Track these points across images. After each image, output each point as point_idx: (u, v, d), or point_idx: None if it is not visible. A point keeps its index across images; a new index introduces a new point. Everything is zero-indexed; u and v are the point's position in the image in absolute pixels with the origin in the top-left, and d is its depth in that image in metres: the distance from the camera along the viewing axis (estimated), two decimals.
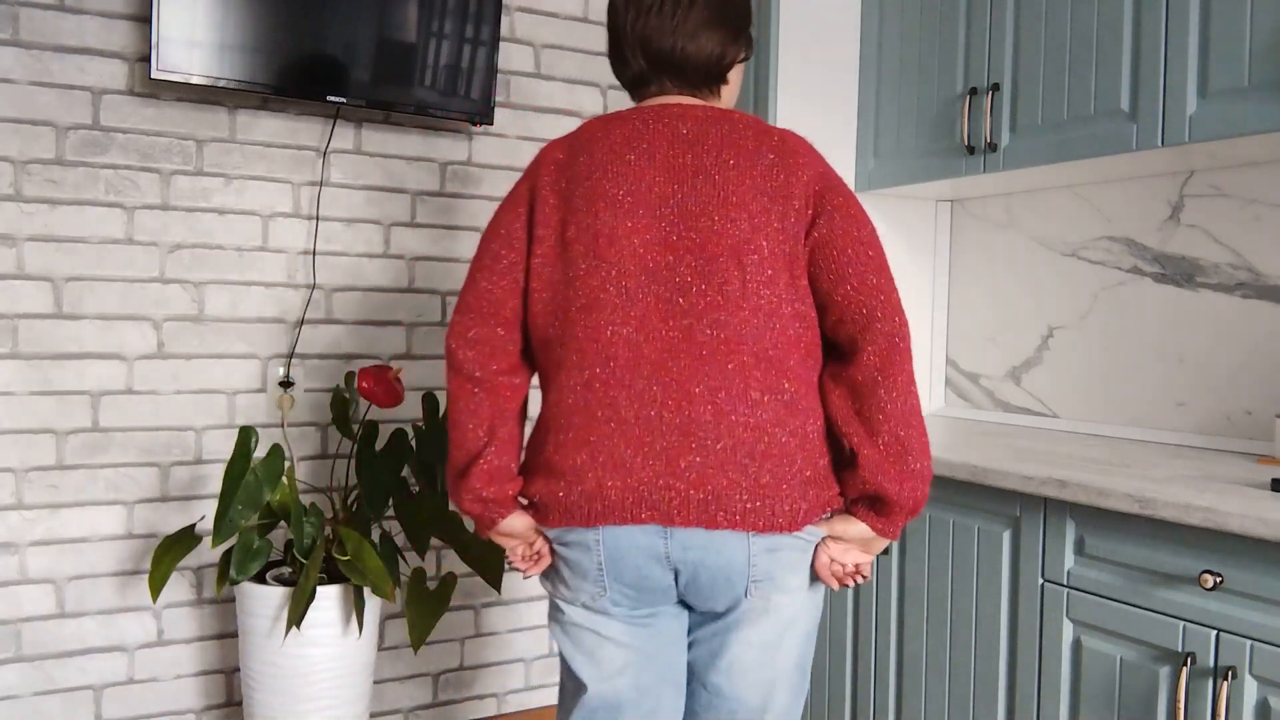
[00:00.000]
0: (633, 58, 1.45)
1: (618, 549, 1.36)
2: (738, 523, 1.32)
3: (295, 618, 2.01)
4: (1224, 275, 2.06)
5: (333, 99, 2.32)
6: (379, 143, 2.54)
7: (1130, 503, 1.52)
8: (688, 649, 1.49)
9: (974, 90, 2.18)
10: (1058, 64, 2.01)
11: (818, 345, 1.39)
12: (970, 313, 2.64)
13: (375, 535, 2.24)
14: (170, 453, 2.34)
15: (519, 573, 1.34)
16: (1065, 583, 1.68)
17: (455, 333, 1.44)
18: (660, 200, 1.36)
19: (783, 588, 1.39)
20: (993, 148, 2.14)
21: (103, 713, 2.30)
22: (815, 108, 2.46)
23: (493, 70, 2.49)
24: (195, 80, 2.19)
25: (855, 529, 1.39)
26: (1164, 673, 1.53)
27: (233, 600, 2.41)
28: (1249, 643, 1.41)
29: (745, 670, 1.45)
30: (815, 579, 1.43)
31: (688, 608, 1.46)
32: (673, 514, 1.33)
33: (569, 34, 2.75)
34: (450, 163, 2.62)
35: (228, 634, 2.42)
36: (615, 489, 1.34)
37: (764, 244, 1.33)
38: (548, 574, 1.50)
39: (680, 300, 1.34)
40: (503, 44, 2.64)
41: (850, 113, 2.54)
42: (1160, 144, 1.81)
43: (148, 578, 2.17)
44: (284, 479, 2.20)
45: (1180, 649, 1.50)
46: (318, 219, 2.47)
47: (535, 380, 2.70)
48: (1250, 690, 1.42)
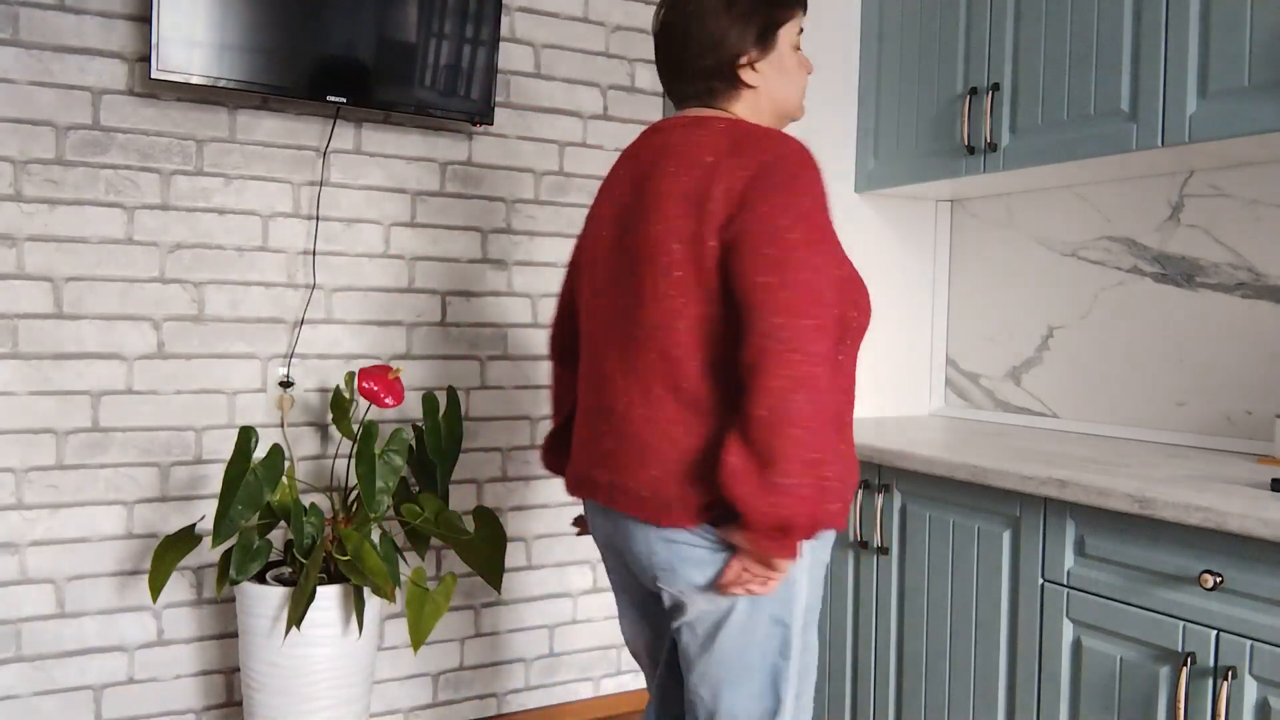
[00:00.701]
0: (662, 82, 1.55)
1: (592, 523, 1.57)
2: (633, 510, 1.39)
3: (295, 618, 2.01)
4: (1224, 275, 2.06)
5: (333, 99, 2.32)
6: (379, 143, 2.54)
7: (1130, 503, 1.52)
8: None
9: (974, 90, 2.18)
10: (1058, 64, 2.01)
11: (732, 347, 1.32)
12: (970, 313, 2.64)
13: (375, 535, 2.24)
14: (170, 453, 2.34)
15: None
16: (1065, 583, 1.68)
17: None
18: (620, 209, 1.46)
19: (692, 583, 1.39)
20: (993, 148, 2.14)
21: (102, 713, 2.30)
22: (815, 108, 2.46)
23: (493, 70, 2.49)
24: (195, 80, 2.19)
25: (736, 538, 1.34)
26: (1164, 673, 1.53)
27: (233, 600, 2.41)
28: (1249, 643, 1.41)
29: (690, 663, 1.47)
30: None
31: None
32: (598, 495, 1.46)
33: (569, 34, 2.75)
34: (450, 163, 2.62)
35: (228, 634, 2.42)
36: (572, 468, 1.55)
37: (675, 247, 1.35)
38: None
39: (620, 300, 1.43)
40: (503, 44, 2.64)
41: (850, 113, 2.54)
42: (1160, 144, 1.82)
43: (148, 578, 2.17)
44: (284, 479, 2.20)
45: (1180, 649, 1.50)
46: (318, 219, 2.47)
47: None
48: (1250, 690, 1.42)
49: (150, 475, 2.33)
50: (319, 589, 2.11)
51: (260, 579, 2.18)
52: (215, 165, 2.36)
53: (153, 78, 2.15)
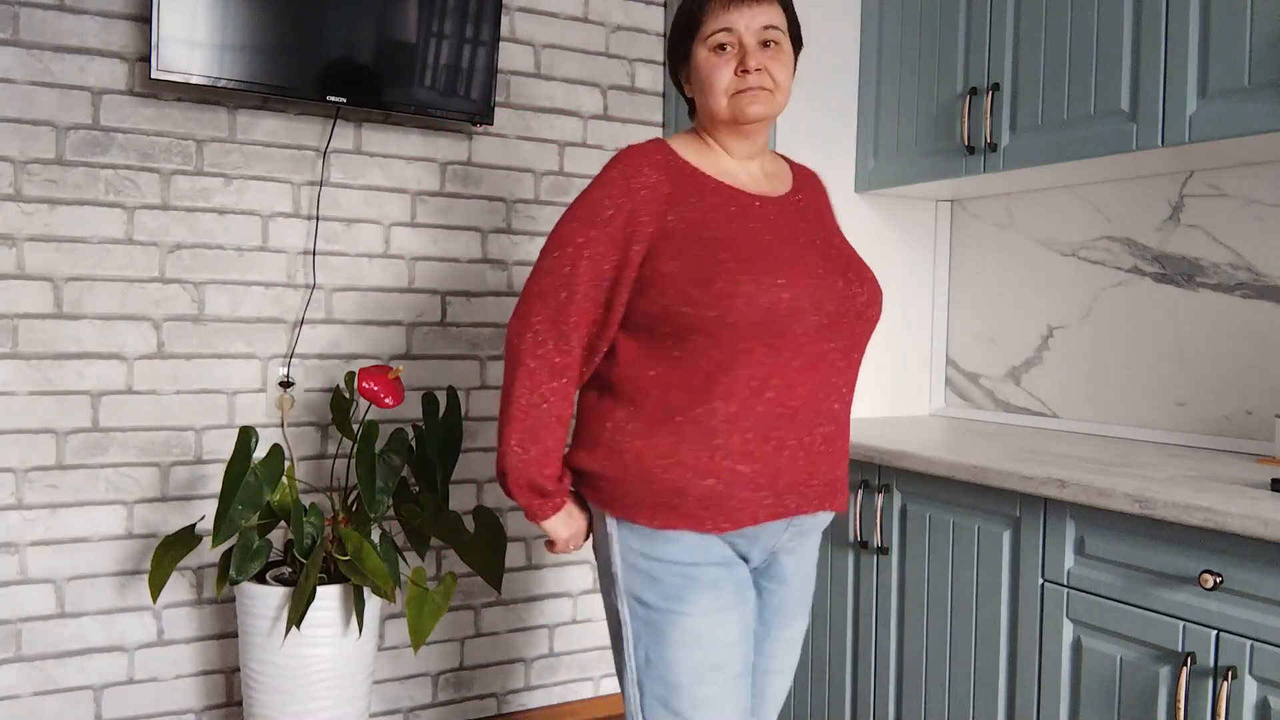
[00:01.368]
0: None
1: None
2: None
3: (295, 618, 2.01)
4: (1224, 275, 2.06)
5: (333, 99, 2.32)
6: (379, 143, 2.54)
7: (1130, 503, 1.52)
8: None
9: (974, 90, 2.18)
10: (1058, 64, 2.01)
11: (592, 350, 1.49)
12: (970, 313, 2.64)
13: (375, 535, 2.24)
14: (170, 453, 2.35)
15: None
16: (1065, 583, 1.68)
17: None
18: None
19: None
20: (993, 148, 2.14)
21: (103, 713, 2.30)
22: (815, 108, 2.46)
23: (493, 70, 2.49)
24: (195, 80, 2.19)
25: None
26: (1164, 673, 1.53)
27: (233, 600, 2.41)
28: (1249, 643, 1.41)
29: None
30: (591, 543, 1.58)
31: None
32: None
33: (569, 34, 2.75)
34: (450, 163, 2.62)
35: (228, 634, 2.42)
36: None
37: None
38: None
39: None
40: (503, 44, 2.64)
41: (850, 113, 2.54)
42: (1160, 144, 1.82)
43: (148, 578, 2.17)
44: (284, 479, 2.20)
45: (1180, 649, 1.50)
46: (318, 219, 2.47)
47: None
48: (1250, 690, 1.42)
49: (150, 475, 2.33)
50: (319, 589, 2.11)
51: (260, 579, 2.18)
52: (215, 165, 2.36)
53: (153, 78, 2.15)
